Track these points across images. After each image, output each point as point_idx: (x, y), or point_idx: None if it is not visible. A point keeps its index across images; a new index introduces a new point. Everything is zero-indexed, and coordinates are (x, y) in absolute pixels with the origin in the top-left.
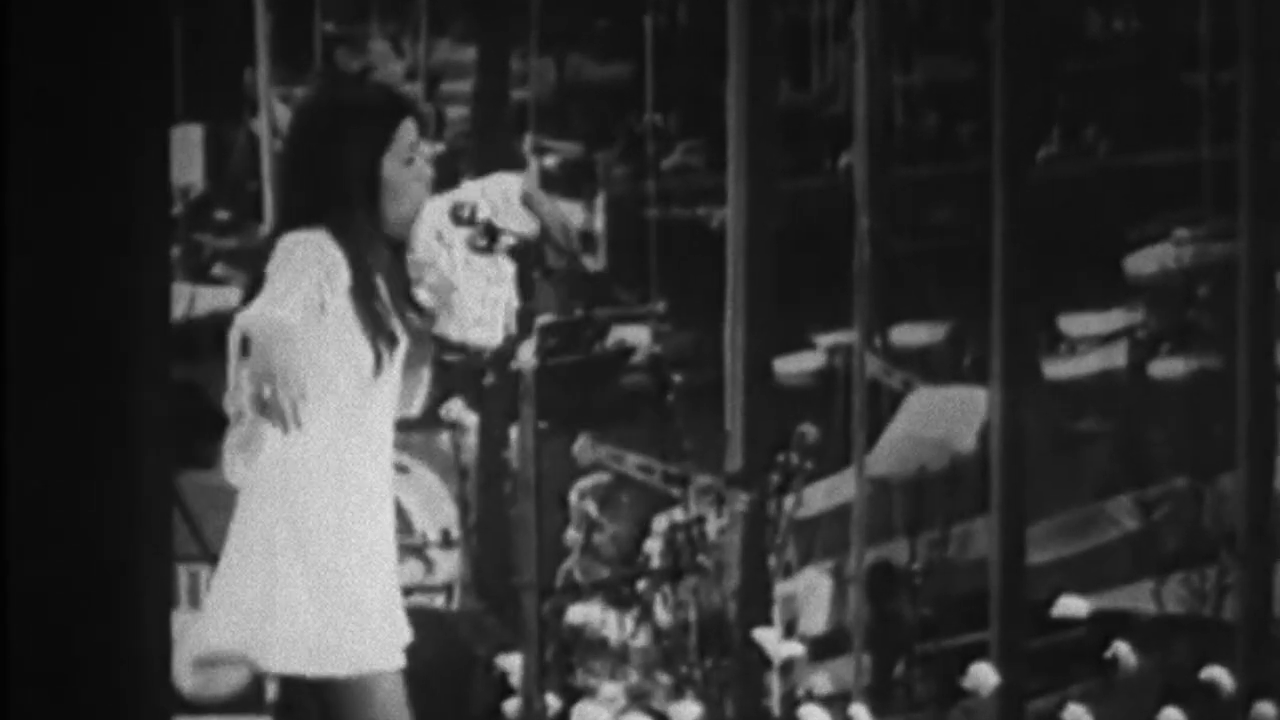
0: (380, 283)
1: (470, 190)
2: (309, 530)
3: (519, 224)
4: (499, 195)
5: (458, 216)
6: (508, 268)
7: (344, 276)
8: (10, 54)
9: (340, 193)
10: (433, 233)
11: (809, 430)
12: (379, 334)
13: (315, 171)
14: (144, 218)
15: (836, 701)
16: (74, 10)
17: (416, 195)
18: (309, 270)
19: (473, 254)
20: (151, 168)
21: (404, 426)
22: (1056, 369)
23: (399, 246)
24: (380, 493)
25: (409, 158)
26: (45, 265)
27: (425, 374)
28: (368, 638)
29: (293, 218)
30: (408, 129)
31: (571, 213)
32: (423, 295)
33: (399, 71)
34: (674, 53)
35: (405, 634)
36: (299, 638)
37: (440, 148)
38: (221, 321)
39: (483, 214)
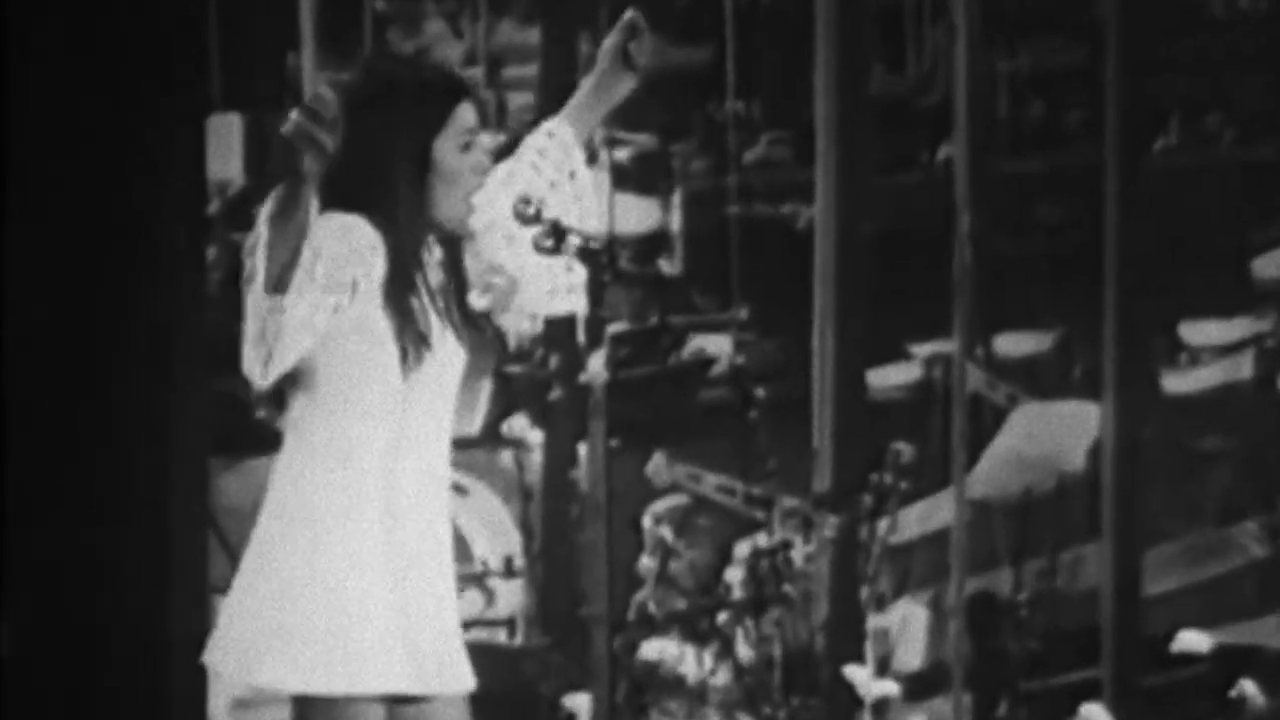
0: (421, 279)
1: (523, 168)
2: (329, 555)
3: (581, 200)
4: (555, 167)
5: (522, 214)
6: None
7: (380, 264)
8: (29, 37)
9: (385, 175)
10: (499, 235)
11: (904, 448)
12: (405, 332)
13: (359, 151)
14: (177, 217)
15: None
16: None
17: (471, 187)
18: (340, 247)
19: (538, 253)
20: (186, 162)
21: (463, 444)
22: (1176, 381)
23: (452, 243)
24: (422, 514)
25: (465, 144)
26: (68, 267)
27: (485, 386)
28: (395, 659)
29: (331, 201)
30: (465, 113)
31: (647, 210)
32: (481, 301)
33: (457, 55)
34: (758, 34)
35: (451, 662)
36: (308, 656)
37: (502, 138)
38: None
39: (544, 200)
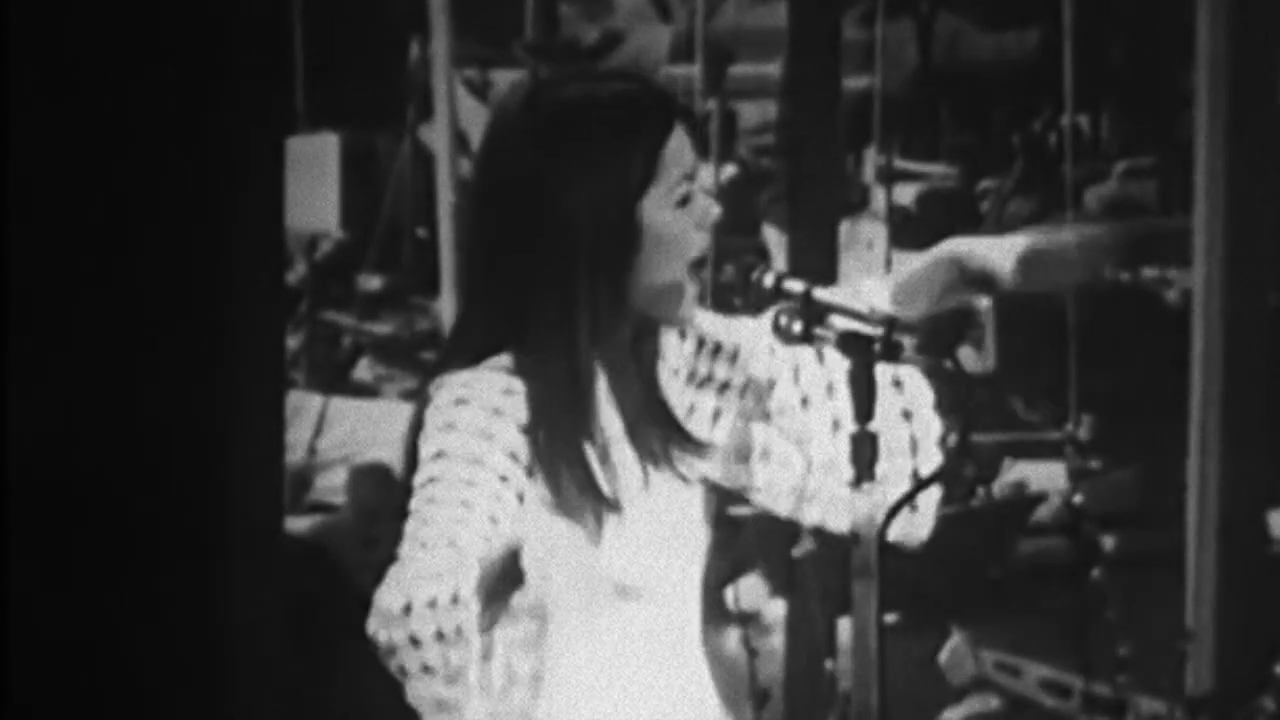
0: (602, 424)
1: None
2: None
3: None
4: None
5: (783, 330)
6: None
7: (519, 415)
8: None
9: (557, 270)
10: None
11: None
12: (582, 503)
13: (519, 229)
14: (243, 288)
15: None
16: None
17: (693, 251)
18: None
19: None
20: (254, 208)
21: None
22: None
23: (647, 334)
24: None
25: (683, 196)
26: (82, 378)
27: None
28: None
29: (474, 327)
30: (679, 151)
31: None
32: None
33: (662, 43)
34: (1107, 14)
35: None
36: None
37: (729, 170)
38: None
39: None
